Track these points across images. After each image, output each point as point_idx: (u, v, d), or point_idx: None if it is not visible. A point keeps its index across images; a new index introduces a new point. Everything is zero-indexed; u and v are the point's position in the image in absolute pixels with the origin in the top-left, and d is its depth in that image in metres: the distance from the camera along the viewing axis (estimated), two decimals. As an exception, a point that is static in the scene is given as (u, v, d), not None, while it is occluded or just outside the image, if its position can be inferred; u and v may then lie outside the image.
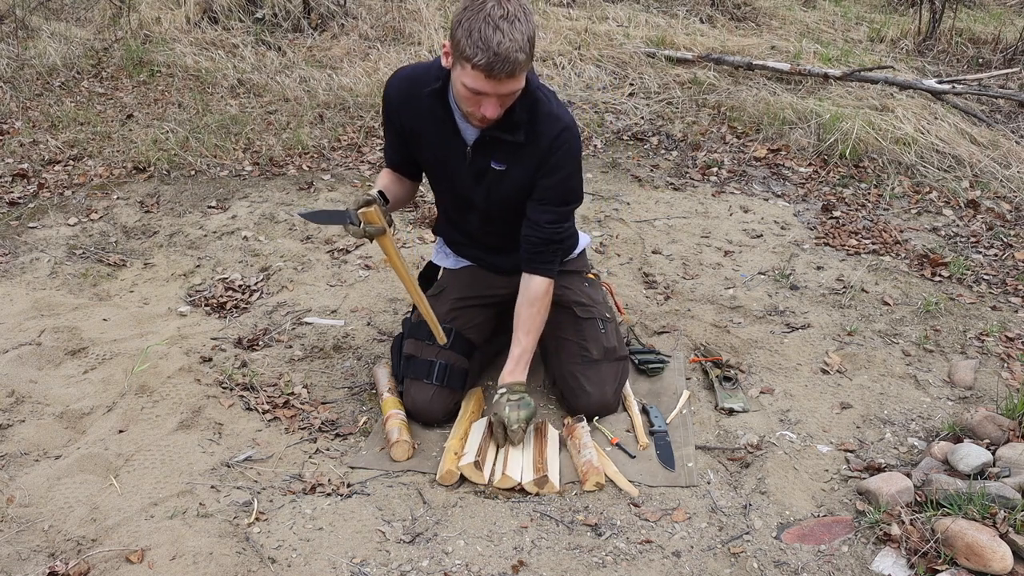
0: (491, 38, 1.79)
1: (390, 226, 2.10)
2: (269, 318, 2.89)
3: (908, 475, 2.06)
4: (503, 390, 2.20)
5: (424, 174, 2.37)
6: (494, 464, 2.15)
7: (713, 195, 4.01)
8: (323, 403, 2.45)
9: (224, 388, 2.47)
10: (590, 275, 2.55)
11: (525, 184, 2.17)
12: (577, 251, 2.51)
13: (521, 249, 2.23)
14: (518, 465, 2.13)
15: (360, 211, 2.02)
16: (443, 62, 1.98)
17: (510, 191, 2.19)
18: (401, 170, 2.34)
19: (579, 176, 2.21)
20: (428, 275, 2.60)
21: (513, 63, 1.82)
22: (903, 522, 1.90)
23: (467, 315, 2.40)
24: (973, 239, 3.61)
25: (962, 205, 3.94)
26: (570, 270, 2.46)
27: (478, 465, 2.08)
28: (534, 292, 2.22)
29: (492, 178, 2.17)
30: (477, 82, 1.85)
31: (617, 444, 2.24)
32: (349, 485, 2.09)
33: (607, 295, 2.62)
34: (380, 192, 2.15)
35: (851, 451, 2.24)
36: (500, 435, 2.19)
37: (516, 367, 2.23)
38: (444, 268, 2.56)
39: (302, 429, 2.32)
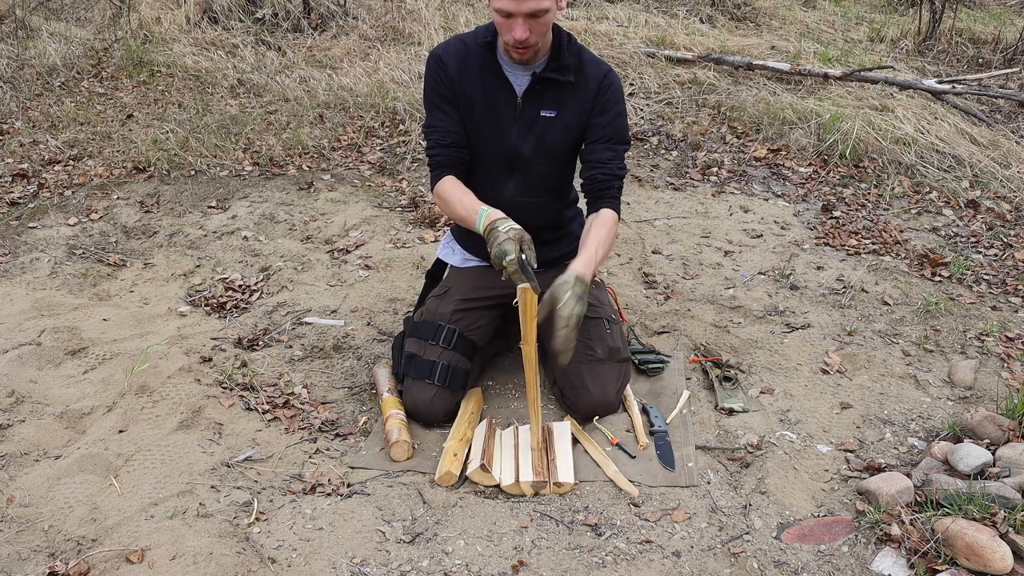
0: None
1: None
2: (269, 318, 2.89)
3: (908, 475, 2.06)
4: (573, 279, 2.04)
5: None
6: (500, 464, 2.15)
7: (713, 195, 4.01)
8: (323, 403, 2.45)
9: (224, 388, 2.47)
10: (596, 278, 2.55)
11: (575, 128, 2.31)
12: None
13: (585, 192, 2.34)
14: (528, 469, 2.12)
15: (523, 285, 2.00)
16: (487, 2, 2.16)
17: (560, 137, 2.31)
18: (465, 160, 2.33)
19: (626, 117, 2.35)
20: (435, 273, 2.59)
21: None
22: (903, 522, 1.90)
23: (472, 316, 2.40)
24: (973, 239, 3.61)
25: (962, 205, 3.94)
26: None
27: (485, 468, 2.08)
28: (605, 217, 2.29)
29: (543, 126, 2.29)
30: (502, 2, 2.05)
31: (617, 444, 2.24)
32: (349, 485, 2.09)
33: (611, 298, 2.62)
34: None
35: (851, 451, 2.24)
36: (545, 311, 2.03)
37: (589, 267, 2.11)
38: (450, 266, 2.55)
39: (302, 429, 2.32)
